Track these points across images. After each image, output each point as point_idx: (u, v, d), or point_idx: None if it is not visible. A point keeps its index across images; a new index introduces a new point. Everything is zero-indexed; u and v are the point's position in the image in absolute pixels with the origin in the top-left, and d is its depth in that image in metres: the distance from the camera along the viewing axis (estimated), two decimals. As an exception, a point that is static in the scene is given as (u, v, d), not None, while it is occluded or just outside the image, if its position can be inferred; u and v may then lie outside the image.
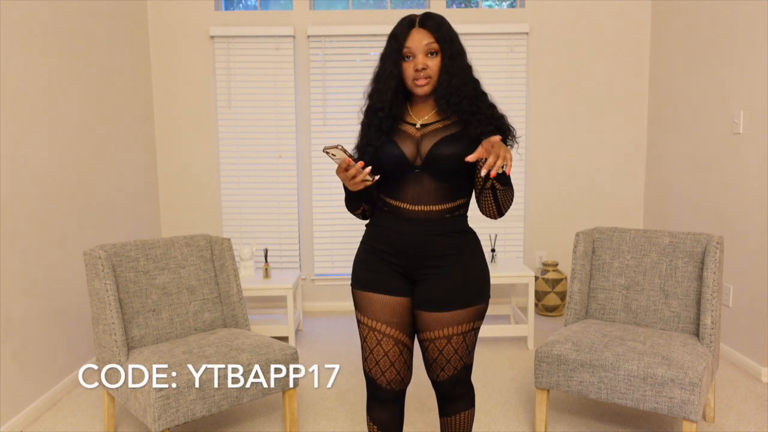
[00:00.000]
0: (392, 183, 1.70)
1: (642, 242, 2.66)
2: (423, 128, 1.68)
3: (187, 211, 4.43)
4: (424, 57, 1.63)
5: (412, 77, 1.65)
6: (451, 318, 1.68)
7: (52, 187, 2.94)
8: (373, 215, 1.80)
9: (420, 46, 1.63)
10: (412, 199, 1.67)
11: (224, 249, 2.74)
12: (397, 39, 1.65)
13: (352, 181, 1.58)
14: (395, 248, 1.70)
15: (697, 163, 3.66)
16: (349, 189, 1.67)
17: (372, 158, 1.68)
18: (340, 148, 1.50)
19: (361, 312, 1.76)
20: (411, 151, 1.66)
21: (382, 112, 1.68)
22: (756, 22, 3.09)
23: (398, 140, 1.67)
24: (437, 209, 1.67)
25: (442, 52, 1.64)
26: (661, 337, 2.39)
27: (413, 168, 1.66)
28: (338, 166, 1.58)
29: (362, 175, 1.56)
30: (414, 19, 1.67)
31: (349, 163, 1.54)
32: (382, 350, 1.73)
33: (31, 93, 2.80)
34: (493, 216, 1.69)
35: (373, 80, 1.72)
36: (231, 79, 4.31)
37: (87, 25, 3.31)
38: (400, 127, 1.70)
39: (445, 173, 1.65)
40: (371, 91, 1.72)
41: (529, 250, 4.50)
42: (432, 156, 1.63)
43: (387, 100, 1.67)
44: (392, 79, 1.66)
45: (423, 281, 1.71)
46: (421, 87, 1.65)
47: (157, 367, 2.19)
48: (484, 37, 4.27)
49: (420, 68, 1.63)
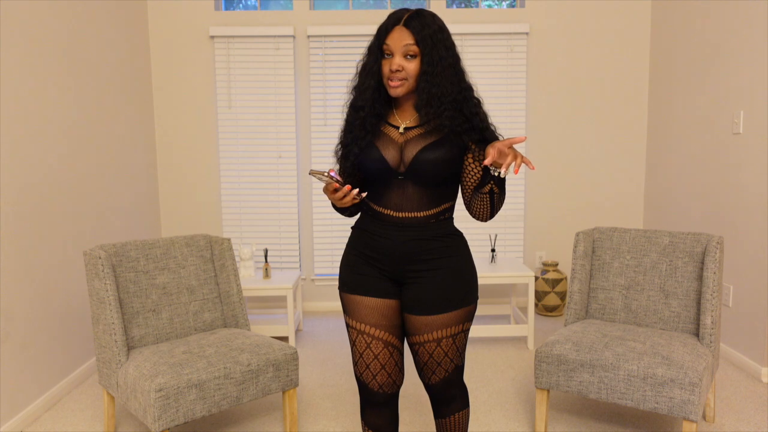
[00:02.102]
0: (376, 189, 1.67)
1: (642, 242, 2.66)
2: (407, 132, 1.64)
3: (187, 211, 4.43)
4: (401, 58, 1.56)
5: (386, 76, 1.59)
6: (441, 321, 1.66)
7: (52, 187, 2.94)
8: (358, 215, 1.78)
9: (399, 46, 1.55)
10: (396, 206, 1.65)
11: (224, 249, 2.74)
12: (379, 34, 1.60)
13: (340, 202, 1.57)
14: (381, 252, 1.68)
15: (697, 163, 3.66)
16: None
17: (355, 163, 1.66)
18: (327, 175, 1.49)
19: (349, 315, 1.74)
20: (394, 158, 1.62)
21: (363, 111, 1.63)
22: (756, 22, 3.09)
23: (381, 145, 1.63)
24: (422, 215, 1.65)
25: (422, 57, 1.56)
26: (661, 337, 2.39)
27: (396, 175, 1.62)
28: (325, 186, 1.56)
29: (350, 196, 1.54)
30: (401, 16, 1.59)
31: (336, 187, 1.53)
32: (372, 353, 1.71)
33: (31, 93, 2.80)
34: (484, 219, 1.67)
35: (358, 74, 1.67)
36: (231, 79, 4.31)
37: (87, 25, 3.31)
38: (383, 129, 1.65)
39: (430, 180, 1.61)
40: (355, 85, 1.67)
41: (529, 250, 4.50)
42: (416, 163, 1.59)
43: (368, 99, 1.62)
44: (372, 76, 1.61)
45: (410, 284, 1.69)
46: (393, 88, 1.59)
47: (157, 368, 2.19)
48: (484, 37, 4.28)
49: (394, 69, 1.56)
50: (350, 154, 1.66)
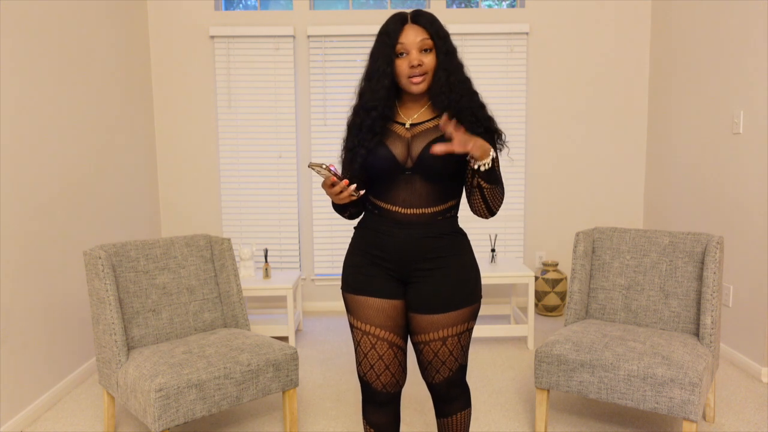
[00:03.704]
0: (382, 185, 1.67)
1: (642, 242, 2.66)
2: (413, 128, 1.65)
3: (187, 211, 4.43)
4: (418, 53, 1.59)
5: (406, 74, 1.60)
6: (446, 320, 1.67)
7: (52, 187, 2.94)
8: (361, 216, 1.77)
9: (414, 42, 1.59)
10: (404, 202, 1.65)
11: (224, 249, 2.74)
12: (389, 35, 1.61)
13: (337, 197, 1.57)
14: (387, 251, 1.68)
15: (697, 163, 3.66)
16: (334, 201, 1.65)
17: (363, 164, 1.65)
18: (325, 167, 1.50)
19: (353, 316, 1.74)
20: (401, 153, 1.63)
21: (376, 111, 1.63)
22: (756, 22, 3.09)
23: (388, 142, 1.64)
24: (429, 212, 1.66)
25: (437, 48, 1.60)
26: (661, 337, 2.40)
27: (404, 170, 1.63)
28: (324, 181, 1.56)
29: (348, 191, 1.54)
30: (405, 15, 1.63)
31: (334, 181, 1.53)
32: (377, 354, 1.71)
33: (31, 93, 2.80)
34: (485, 215, 1.67)
35: (365, 78, 1.67)
36: (231, 79, 4.31)
37: (87, 25, 3.31)
38: (389, 127, 1.66)
39: (437, 175, 1.62)
40: (363, 90, 1.67)
41: (529, 250, 4.50)
42: (423, 158, 1.60)
43: (381, 99, 1.62)
44: (386, 77, 1.61)
45: (416, 284, 1.69)
46: (416, 84, 1.61)
47: (157, 368, 2.19)
48: (484, 37, 4.28)
49: (416, 64, 1.58)
50: (357, 156, 1.65)
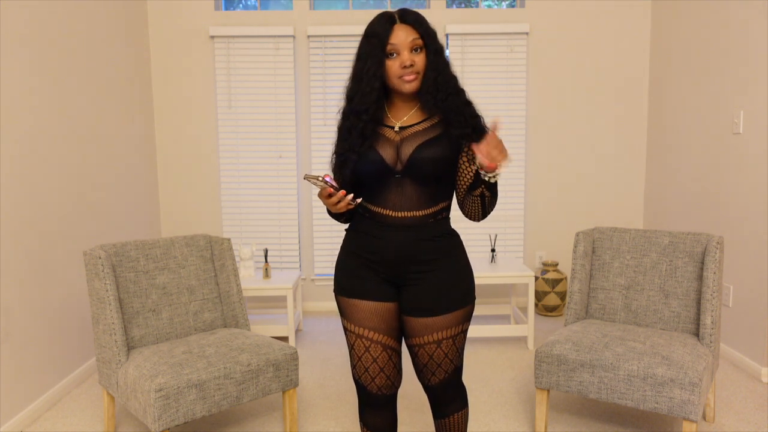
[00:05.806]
0: (372, 189, 1.66)
1: (642, 242, 2.66)
2: (402, 131, 1.64)
3: (187, 211, 4.43)
4: (409, 53, 1.57)
5: (398, 74, 1.58)
6: (441, 322, 1.66)
7: (53, 186, 2.94)
8: (352, 219, 1.77)
9: (405, 42, 1.57)
10: (394, 206, 1.64)
11: (224, 249, 2.74)
12: (378, 36, 1.58)
13: (335, 207, 1.56)
14: (379, 255, 1.67)
15: (697, 163, 3.66)
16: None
17: (353, 169, 1.63)
18: (321, 179, 1.49)
19: (347, 319, 1.73)
20: (391, 156, 1.61)
21: (366, 114, 1.60)
22: (756, 22, 3.09)
23: (378, 145, 1.62)
24: (420, 214, 1.65)
25: (427, 47, 1.59)
26: (661, 337, 2.39)
27: (394, 173, 1.62)
28: (320, 192, 1.56)
29: (345, 201, 1.53)
30: (393, 15, 1.60)
31: (330, 192, 1.52)
32: (371, 357, 1.70)
33: (31, 93, 2.80)
34: (478, 219, 1.67)
35: (353, 80, 1.64)
36: (231, 79, 4.31)
37: (87, 25, 3.31)
38: (378, 130, 1.64)
39: (427, 178, 1.61)
40: (351, 92, 1.64)
41: (529, 250, 4.50)
42: (413, 161, 1.59)
43: (371, 102, 1.60)
44: (376, 79, 1.59)
45: (409, 286, 1.68)
46: (409, 83, 1.58)
47: (157, 368, 2.19)
48: (484, 37, 4.28)
49: (408, 64, 1.56)
50: (348, 161, 1.64)
